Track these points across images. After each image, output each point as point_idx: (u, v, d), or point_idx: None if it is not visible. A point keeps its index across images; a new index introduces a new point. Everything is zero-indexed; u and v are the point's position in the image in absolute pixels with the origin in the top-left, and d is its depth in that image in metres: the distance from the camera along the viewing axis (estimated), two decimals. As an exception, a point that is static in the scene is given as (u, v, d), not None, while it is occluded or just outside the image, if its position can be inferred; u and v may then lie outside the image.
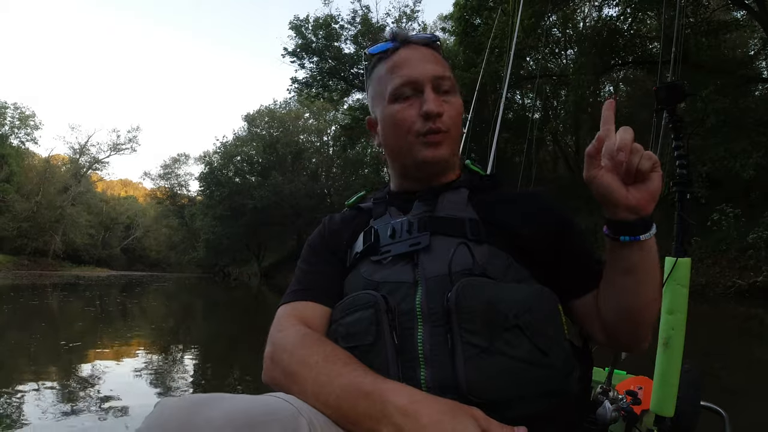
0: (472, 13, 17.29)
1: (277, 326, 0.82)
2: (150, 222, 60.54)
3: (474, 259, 0.78)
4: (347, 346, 0.77)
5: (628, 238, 0.72)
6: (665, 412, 1.07)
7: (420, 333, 0.74)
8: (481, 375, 0.69)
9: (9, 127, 41.12)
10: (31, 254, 41.42)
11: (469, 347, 0.70)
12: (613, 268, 0.77)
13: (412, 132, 0.88)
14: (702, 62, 14.05)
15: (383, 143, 0.94)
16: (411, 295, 0.77)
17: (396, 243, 0.84)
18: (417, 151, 0.88)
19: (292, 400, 0.62)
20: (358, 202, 1.01)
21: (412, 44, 0.92)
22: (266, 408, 0.57)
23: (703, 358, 4.37)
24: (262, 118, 40.34)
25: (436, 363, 0.71)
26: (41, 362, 4.63)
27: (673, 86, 1.33)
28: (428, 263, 0.80)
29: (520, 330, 0.71)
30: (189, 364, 4.96)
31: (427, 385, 0.70)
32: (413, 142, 0.88)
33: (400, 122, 0.88)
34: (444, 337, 0.72)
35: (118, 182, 72.57)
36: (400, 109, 0.88)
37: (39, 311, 9.53)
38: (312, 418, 0.60)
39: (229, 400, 0.56)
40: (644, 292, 0.76)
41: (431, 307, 0.75)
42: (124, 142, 50.12)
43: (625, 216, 0.72)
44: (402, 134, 0.89)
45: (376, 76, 0.94)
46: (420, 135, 0.87)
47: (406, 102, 0.88)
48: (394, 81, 0.88)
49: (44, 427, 2.69)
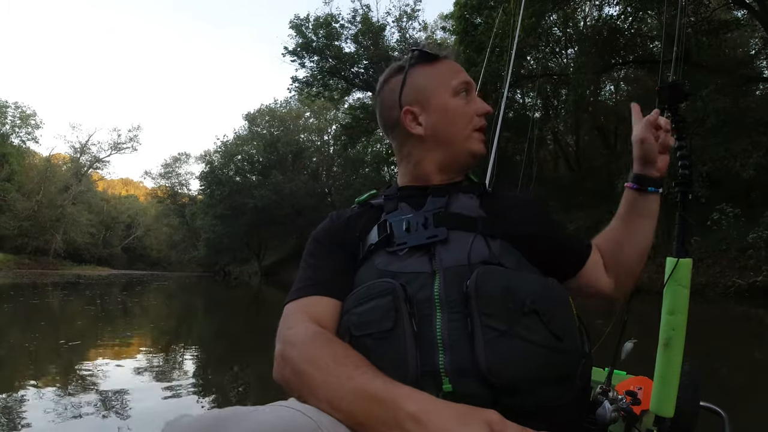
0: (473, 12, 17.25)
1: (286, 323, 0.82)
2: (151, 221, 60.64)
3: (491, 250, 0.83)
4: (359, 334, 0.77)
5: (654, 189, 1.01)
6: (665, 412, 1.06)
7: (438, 319, 0.75)
8: (500, 357, 0.70)
9: (10, 126, 41.25)
10: (32, 253, 41.48)
11: (489, 330, 0.72)
12: (635, 214, 1.02)
13: (471, 125, 0.99)
14: (703, 62, 14.04)
15: (433, 131, 0.98)
16: (429, 284, 0.79)
17: (411, 236, 0.87)
18: (472, 143, 0.99)
19: (312, 413, 0.62)
20: (370, 199, 1.03)
21: (453, 60, 1.05)
22: (287, 425, 0.57)
23: (704, 358, 4.37)
24: (263, 117, 40.41)
25: (455, 348, 0.72)
26: (41, 361, 4.64)
27: (675, 86, 1.32)
28: (445, 254, 0.82)
29: (537, 315, 0.73)
30: (186, 362, 4.98)
31: (446, 370, 0.71)
32: (470, 135, 0.99)
33: (462, 115, 0.98)
34: (463, 322, 0.74)
35: (119, 181, 72.62)
36: (462, 104, 0.98)
37: (39, 310, 9.57)
38: (331, 431, 0.61)
39: (245, 418, 0.55)
40: (650, 234, 1.04)
41: (449, 295, 0.77)
42: (124, 141, 50.25)
43: (654, 174, 1.01)
44: (464, 125, 0.98)
45: (425, 72, 1.00)
46: (476, 130, 1.00)
47: (464, 99, 0.99)
48: (456, 80, 0.99)
49: (43, 428, 2.69)
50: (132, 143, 50.34)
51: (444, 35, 24.77)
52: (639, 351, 1.10)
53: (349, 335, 0.79)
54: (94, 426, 2.74)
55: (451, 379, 0.71)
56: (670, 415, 1.06)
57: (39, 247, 42.32)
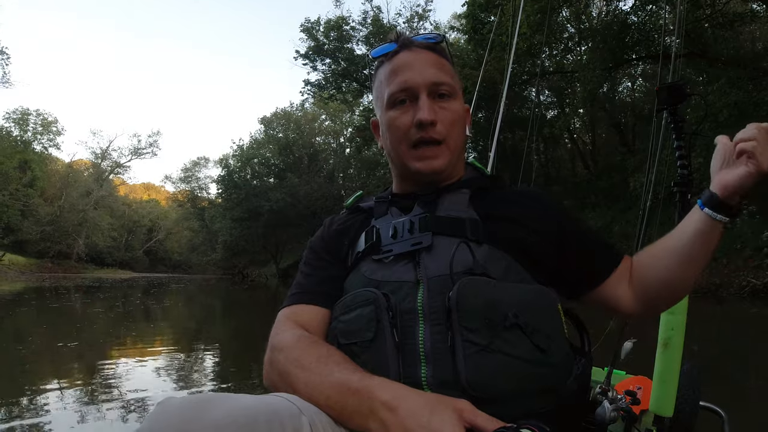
0: (481, 10, 17.10)
1: (275, 330, 0.84)
2: (172, 224, 61.14)
3: (475, 258, 0.79)
4: (346, 342, 0.78)
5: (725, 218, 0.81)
6: (664, 412, 1.07)
7: (421, 331, 0.75)
8: (481, 372, 0.70)
9: (32, 133, 41.84)
10: (55, 257, 42.15)
11: (469, 345, 0.71)
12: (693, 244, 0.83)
13: (405, 141, 0.88)
14: (721, 55, 13.72)
15: (384, 147, 0.95)
16: (413, 294, 0.78)
17: (397, 243, 0.84)
18: (410, 163, 0.89)
19: (294, 400, 0.63)
20: (356, 202, 1.01)
21: (414, 47, 0.91)
22: (268, 407, 0.58)
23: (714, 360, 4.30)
24: (278, 121, 40.60)
25: (437, 360, 0.73)
26: (62, 361, 4.74)
27: (675, 87, 1.33)
28: (430, 263, 0.80)
29: (520, 329, 0.73)
30: (207, 361, 5.03)
31: (428, 382, 0.72)
32: (406, 154, 0.89)
33: (394, 129, 0.89)
34: (445, 335, 0.73)
35: (141, 186, 73.54)
36: (396, 116, 0.88)
37: (59, 312, 9.74)
38: (314, 417, 0.62)
39: (231, 400, 0.57)
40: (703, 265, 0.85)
41: (432, 306, 0.75)
42: (144, 147, 50.80)
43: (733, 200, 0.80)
44: (396, 142, 0.90)
45: (378, 79, 0.94)
46: (412, 147, 0.88)
47: (402, 108, 0.88)
48: (391, 87, 0.88)
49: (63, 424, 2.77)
50: (152, 148, 50.99)
51: (457, 35, 24.59)
52: (638, 351, 1.11)
53: (337, 343, 0.81)
54: (108, 424, 2.82)
55: (433, 392, 0.71)
56: (670, 415, 1.07)
57: (61, 251, 42.97)
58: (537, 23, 13.51)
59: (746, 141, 0.76)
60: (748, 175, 0.76)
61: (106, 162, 51.37)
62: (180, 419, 0.53)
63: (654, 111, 1.44)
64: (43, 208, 41.53)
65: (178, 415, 0.53)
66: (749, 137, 0.76)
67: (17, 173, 37.66)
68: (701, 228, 0.81)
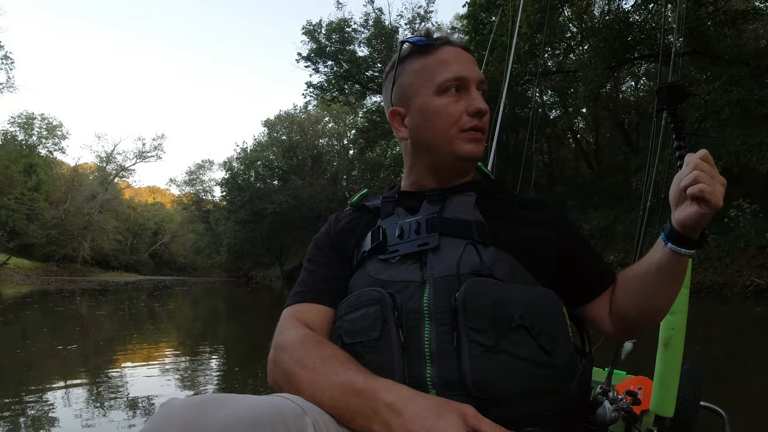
0: (482, 11, 17.07)
1: (279, 329, 0.84)
2: (177, 227, 61.23)
3: (482, 259, 0.79)
4: (351, 342, 0.78)
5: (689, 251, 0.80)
6: (665, 412, 1.07)
7: (427, 331, 0.75)
8: (486, 373, 0.70)
9: (37, 137, 42.02)
10: (60, 260, 42.26)
11: (475, 345, 0.72)
12: (661, 275, 0.84)
13: (456, 127, 0.89)
14: (723, 53, 13.65)
15: (416, 134, 0.93)
16: (419, 294, 0.78)
17: (404, 243, 0.85)
18: (458, 145, 0.90)
19: (298, 400, 0.63)
20: (362, 200, 1.01)
21: (456, 45, 0.94)
22: (272, 408, 0.58)
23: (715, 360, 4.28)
24: (281, 123, 40.69)
25: (442, 361, 0.73)
26: (66, 363, 4.76)
27: (674, 86, 1.32)
28: (436, 263, 0.80)
29: (526, 330, 0.73)
30: (200, 362, 5.05)
31: (433, 382, 0.72)
32: (455, 136, 0.89)
33: (446, 115, 0.89)
34: (451, 335, 0.73)
35: (146, 189, 73.70)
36: (447, 102, 0.89)
37: (68, 315, 9.78)
38: (317, 417, 0.62)
39: (235, 401, 0.57)
40: (675, 294, 0.88)
41: (438, 307, 0.76)
42: (149, 150, 50.88)
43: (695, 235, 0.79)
44: (446, 127, 0.89)
45: (414, 67, 0.93)
46: (463, 131, 0.89)
47: (453, 96, 0.89)
48: (444, 74, 0.89)
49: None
50: (156, 151, 51.04)
51: (458, 36, 24.57)
52: (639, 351, 1.11)
53: (341, 342, 0.81)
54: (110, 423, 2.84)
55: (438, 392, 0.71)
56: (670, 415, 1.07)
57: (67, 255, 43.09)
58: (537, 23, 13.45)
59: (692, 186, 0.75)
60: (703, 215, 0.76)
61: (111, 165, 51.54)
62: (183, 420, 0.53)
63: (654, 111, 1.44)
64: (48, 211, 41.65)
65: (181, 416, 0.53)
66: (692, 181, 0.75)
67: (22, 177, 37.79)
68: (667, 262, 0.82)
